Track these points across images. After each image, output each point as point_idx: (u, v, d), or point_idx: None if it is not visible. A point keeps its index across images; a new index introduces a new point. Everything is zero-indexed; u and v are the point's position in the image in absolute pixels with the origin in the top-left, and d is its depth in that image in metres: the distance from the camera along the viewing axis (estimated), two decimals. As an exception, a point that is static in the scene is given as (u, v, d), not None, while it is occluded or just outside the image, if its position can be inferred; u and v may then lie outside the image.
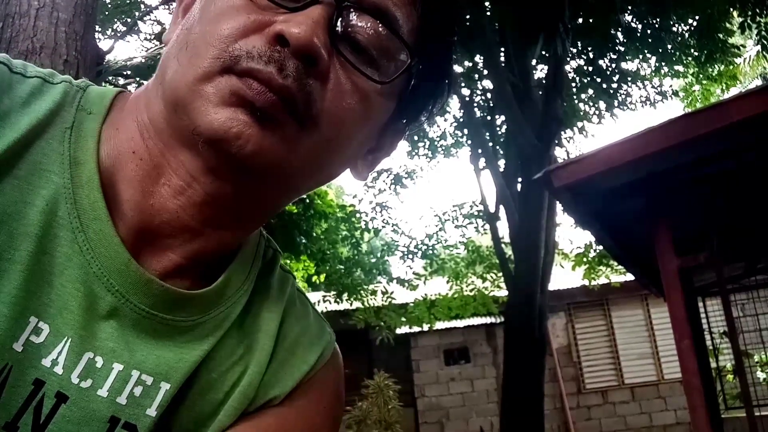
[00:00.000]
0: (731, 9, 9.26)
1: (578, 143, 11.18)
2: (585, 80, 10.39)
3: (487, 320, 12.03)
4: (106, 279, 0.50)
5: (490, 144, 9.61)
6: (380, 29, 0.51)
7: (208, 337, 0.56)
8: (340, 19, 0.50)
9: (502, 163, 9.39)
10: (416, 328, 11.78)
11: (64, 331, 0.48)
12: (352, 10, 0.51)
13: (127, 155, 0.52)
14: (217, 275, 0.57)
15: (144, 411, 0.51)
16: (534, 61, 9.14)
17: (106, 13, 10.01)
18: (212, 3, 0.52)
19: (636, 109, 11.05)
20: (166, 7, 10.68)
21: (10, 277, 0.46)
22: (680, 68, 10.81)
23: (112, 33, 10.35)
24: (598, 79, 10.26)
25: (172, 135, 0.50)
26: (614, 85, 10.42)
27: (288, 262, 12.94)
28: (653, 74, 10.98)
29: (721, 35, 9.74)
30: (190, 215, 0.52)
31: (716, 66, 10.67)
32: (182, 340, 0.54)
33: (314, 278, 13.54)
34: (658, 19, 9.62)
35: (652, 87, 11.09)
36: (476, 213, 11.74)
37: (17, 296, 0.46)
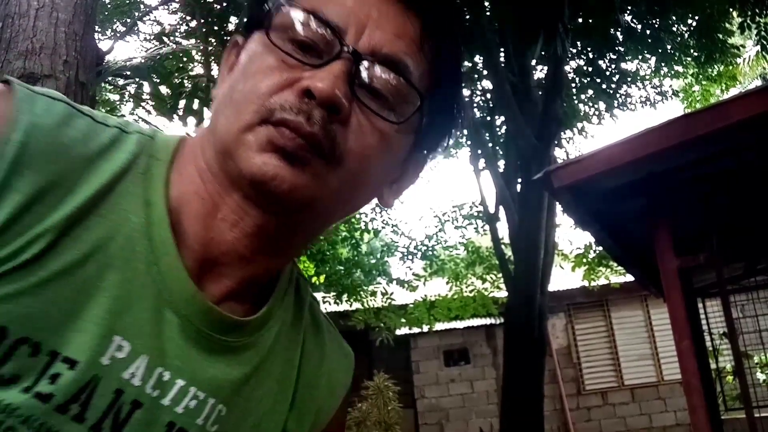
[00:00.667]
0: (731, 9, 9.26)
1: (578, 143, 11.14)
2: (585, 80, 10.39)
3: (487, 321, 12.02)
4: (175, 306, 0.59)
5: (490, 144, 9.60)
6: (392, 77, 0.60)
7: (252, 358, 0.65)
8: (358, 71, 0.59)
9: (501, 163, 9.39)
10: (416, 329, 11.77)
11: (141, 349, 0.57)
12: (368, 62, 0.59)
13: (190, 196, 0.62)
14: (260, 298, 0.66)
15: (194, 420, 0.61)
16: (534, 61, 9.13)
17: (106, 13, 10.01)
18: (252, 63, 0.61)
19: (636, 110, 11.05)
20: (166, 7, 10.68)
21: (99, 302, 0.55)
22: (680, 68, 10.81)
23: (112, 33, 10.35)
24: (598, 80, 10.26)
25: (225, 178, 0.60)
26: (614, 86, 10.41)
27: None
28: (653, 74, 10.98)
29: (720, 35, 9.74)
30: (243, 245, 0.62)
31: (716, 66, 10.67)
32: (230, 359, 0.63)
33: (314, 279, 13.54)
34: (657, 20, 9.62)
35: (652, 87, 11.10)
36: (476, 213, 11.74)
37: (105, 318, 0.55)
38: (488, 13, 8.37)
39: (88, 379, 0.54)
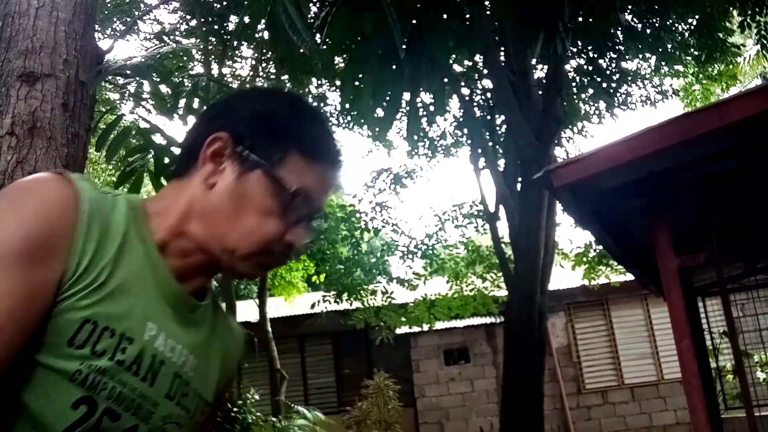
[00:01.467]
0: (731, 8, 9.26)
1: (578, 143, 11.12)
2: (585, 80, 10.38)
3: (487, 320, 12.02)
4: (169, 299, 0.95)
5: (490, 144, 9.60)
6: (320, 213, 1.02)
7: (204, 330, 1.02)
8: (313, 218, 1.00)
9: (501, 162, 9.38)
10: (416, 328, 11.77)
11: (161, 329, 0.92)
12: (315, 215, 1.00)
13: (173, 241, 0.96)
14: (202, 294, 1.04)
15: (184, 369, 0.95)
16: (534, 61, 9.12)
17: (106, 12, 10.01)
18: (257, 200, 0.95)
19: (636, 109, 11.04)
20: (166, 6, 10.67)
21: (137, 303, 0.90)
22: (680, 68, 10.80)
23: (112, 32, 10.35)
24: (599, 79, 10.25)
25: (201, 249, 0.96)
26: (614, 85, 10.40)
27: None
28: (653, 73, 10.97)
29: (720, 34, 9.74)
30: (198, 271, 0.99)
31: (716, 65, 10.66)
32: (196, 330, 1.00)
33: (314, 278, 13.54)
34: (658, 18, 9.61)
35: (652, 86, 11.09)
36: (476, 213, 11.73)
37: (142, 312, 0.90)
38: (488, 12, 8.35)
39: (140, 349, 0.88)
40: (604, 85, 10.32)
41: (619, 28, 9.51)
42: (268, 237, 0.94)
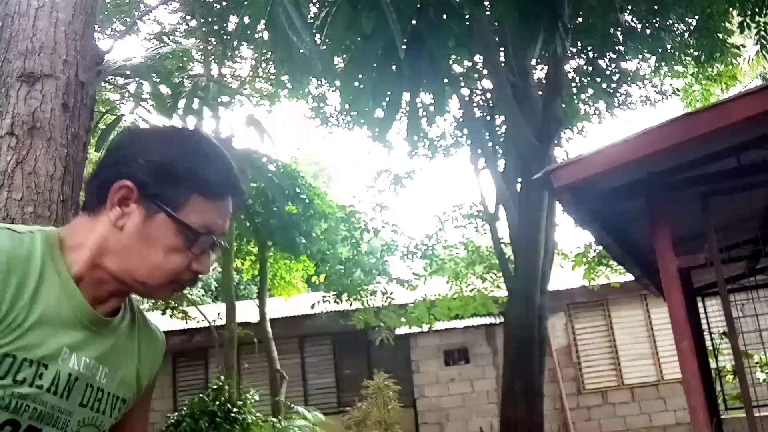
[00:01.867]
0: (731, 8, 9.26)
1: (578, 143, 11.13)
2: (585, 80, 10.38)
3: (487, 320, 12.02)
4: (85, 321, 1.08)
5: (490, 144, 9.60)
6: (223, 237, 1.15)
7: (111, 340, 1.14)
8: (215, 245, 1.13)
9: (501, 163, 9.38)
10: (416, 329, 11.76)
11: (74, 350, 1.05)
12: (220, 241, 1.13)
13: (86, 272, 1.08)
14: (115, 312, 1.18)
15: (96, 377, 1.09)
16: (533, 61, 9.13)
17: (106, 12, 10.01)
18: (162, 238, 1.07)
19: (636, 109, 11.04)
20: (166, 6, 10.66)
21: (52, 332, 1.03)
22: (680, 68, 10.80)
23: (112, 32, 10.34)
24: (598, 79, 10.25)
25: (116, 278, 1.09)
26: (614, 85, 10.41)
27: (288, 261, 12.93)
28: (653, 74, 10.97)
29: (720, 35, 9.74)
30: (112, 295, 1.13)
31: (716, 65, 10.66)
32: (104, 342, 1.12)
33: (314, 278, 13.53)
34: (657, 19, 9.62)
35: (652, 87, 11.09)
36: (476, 213, 11.74)
37: (55, 341, 1.03)
38: (488, 12, 8.36)
39: (55, 372, 1.02)
40: (604, 85, 10.32)
41: (619, 29, 9.51)
42: (174, 271, 1.08)
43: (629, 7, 9.38)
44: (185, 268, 1.08)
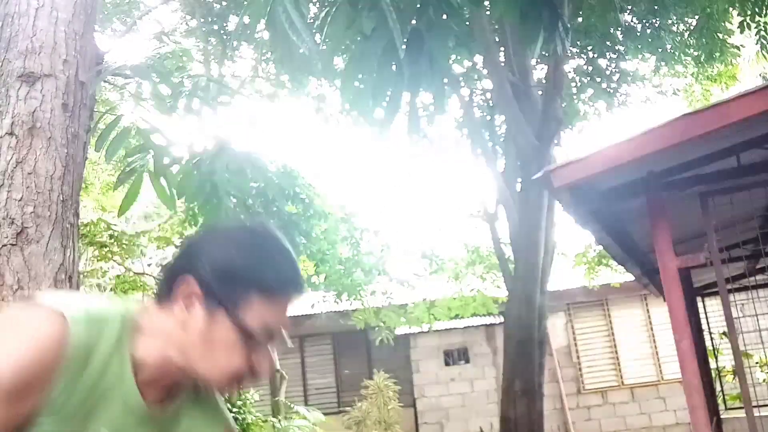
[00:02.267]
0: (731, 8, 9.26)
1: (578, 143, 11.15)
2: (585, 80, 10.38)
3: (487, 320, 12.02)
4: (138, 413, 1.10)
5: (490, 144, 9.60)
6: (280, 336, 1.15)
7: (166, 424, 1.16)
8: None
9: (501, 163, 9.38)
10: (416, 329, 11.77)
11: None
12: (280, 337, 1.14)
13: (150, 361, 1.10)
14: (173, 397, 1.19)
15: None
16: (533, 61, 9.13)
17: (106, 12, 10.01)
18: (229, 341, 1.08)
19: (636, 109, 11.05)
20: (166, 5, 10.66)
21: (104, 415, 1.07)
22: (680, 68, 10.80)
23: (112, 32, 10.35)
24: (598, 79, 10.25)
25: (182, 369, 1.10)
26: (614, 85, 10.40)
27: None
28: (653, 74, 10.97)
29: (720, 35, 9.73)
30: (168, 389, 1.15)
31: (716, 66, 10.66)
32: (155, 426, 1.13)
33: (314, 279, 13.53)
34: (657, 19, 9.61)
35: (653, 86, 11.08)
36: (476, 213, 11.74)
37: (108, 422, 1.07)
38: (488, 12, 8.36)
39: None
40: (604, 85, 10.32)
41: (619, 28, 9.51)
42: (234, 372, 1.10)
43: (629, 7, 9.38)
44: (244, 367, 1.10)
